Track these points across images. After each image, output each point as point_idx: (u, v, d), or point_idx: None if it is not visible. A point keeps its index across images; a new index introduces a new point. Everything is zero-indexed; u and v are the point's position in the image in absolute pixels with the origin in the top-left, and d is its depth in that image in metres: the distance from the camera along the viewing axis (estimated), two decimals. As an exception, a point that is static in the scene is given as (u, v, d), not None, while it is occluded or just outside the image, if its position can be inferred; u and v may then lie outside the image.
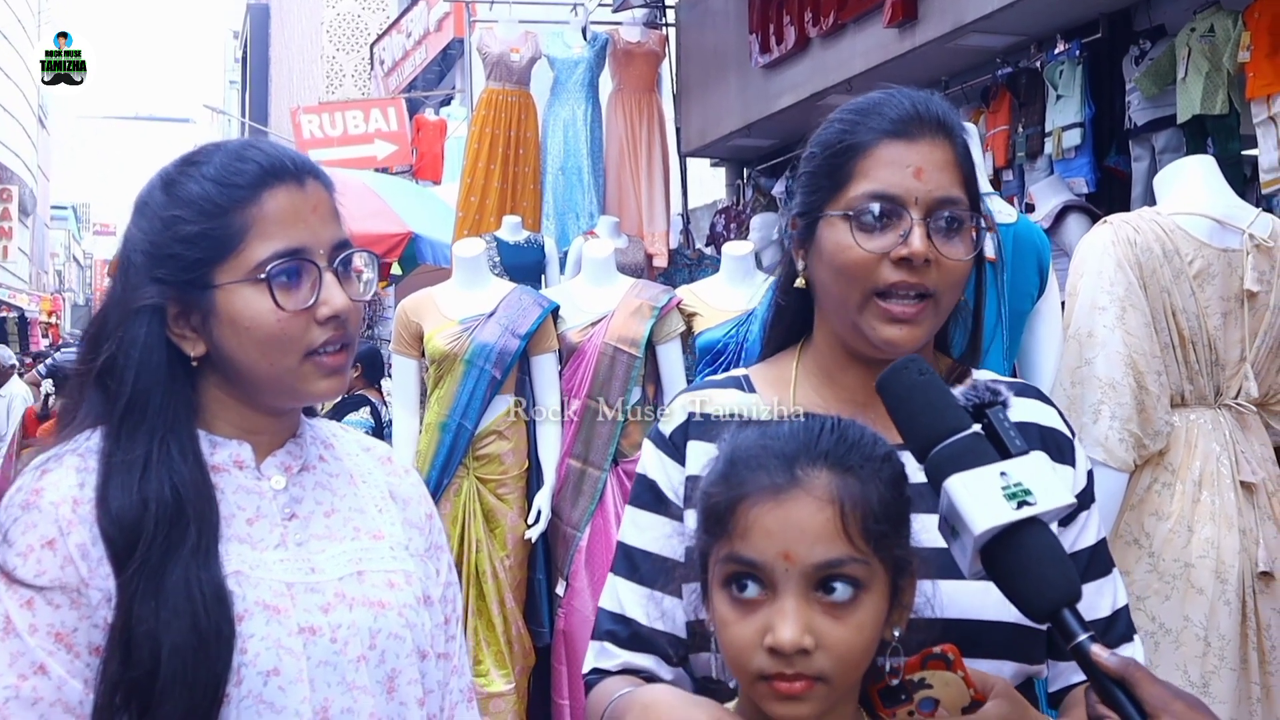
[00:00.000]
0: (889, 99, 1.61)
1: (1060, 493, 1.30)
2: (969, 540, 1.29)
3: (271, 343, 1.52)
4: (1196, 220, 3.33)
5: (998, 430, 1.33)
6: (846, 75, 7.41)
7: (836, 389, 1.66)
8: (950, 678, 1.37)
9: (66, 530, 1.43)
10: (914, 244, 1.53)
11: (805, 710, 1.29)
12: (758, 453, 1.34)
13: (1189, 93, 5.44)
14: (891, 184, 1.55)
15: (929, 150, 1.57)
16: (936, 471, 1.32)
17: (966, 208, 1.58)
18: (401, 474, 1.76)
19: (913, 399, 1.36)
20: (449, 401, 5.06)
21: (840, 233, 1.57)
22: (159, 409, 1.50)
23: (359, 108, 16.37)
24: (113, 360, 1.51)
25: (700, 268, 8.05)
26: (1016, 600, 1.30)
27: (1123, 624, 1.64)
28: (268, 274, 1.50)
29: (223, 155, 1.55)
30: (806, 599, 1.28)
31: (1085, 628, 1.27)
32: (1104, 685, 1.26)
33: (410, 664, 1.58)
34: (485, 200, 8.05)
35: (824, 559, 1.28)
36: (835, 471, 1.31)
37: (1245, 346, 3.33)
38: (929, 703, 1.37)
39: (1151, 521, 3.25)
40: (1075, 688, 1.60)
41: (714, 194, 11.13)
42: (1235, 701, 3.15)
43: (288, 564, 1.54)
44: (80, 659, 1.42)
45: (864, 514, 1.30)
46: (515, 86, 8.24)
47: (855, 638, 1.29)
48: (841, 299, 1.59)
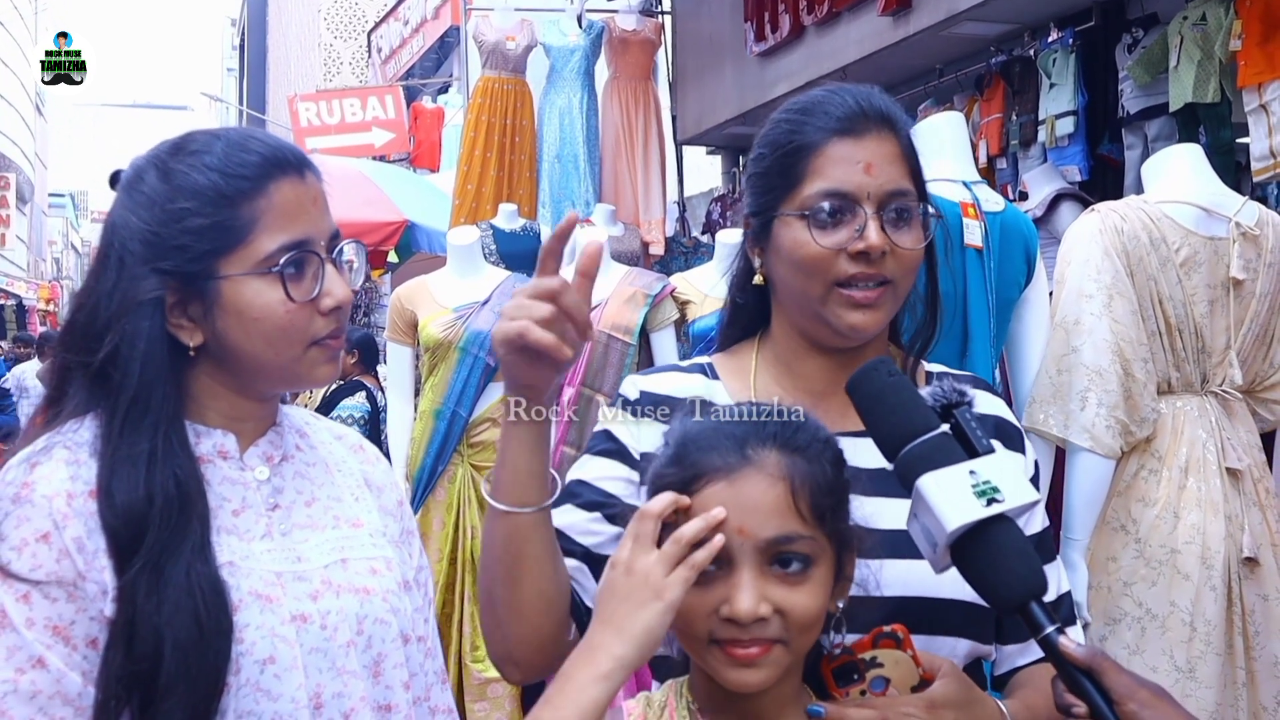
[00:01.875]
0: (831, 97, 1.66)
1: (1026, 490, 1.35)
2: (940, 536, 1.33)
3: (279, 333, 1.53)
4: (1183, 208, 3.35)
5: (965, 430, 1.38)
6: (841, 63, 7.42)
7: (795, 378, 1.71)
8: (900, 656, 1.43)
9: (62, 524, 1.43)
10: (870, 238, 1.58)
11: (762, 675, 1.34)
12: (709, 435, 1.39)
13: (1181, 81, 5.45)
14: (844, 181, 1.60)
15: (876, 145, 1.62)
16: (908, 470, 1.37)
17: (915, 198, 1.63)
18: (373, 461, 1.78)
19: (883, 399, 1.41)
20: (443, 389, 5.07)
21: (797, 231, 1.62)
22: (162, 402, 1.50)
23: (356, 95, 16.33)
24: (116, 352, 1.50)
25: (696, 255, 8.06)
26: (985, 593, 1.35)
27: (1067, 608, 1.70)
28: (280, 266, 1.51)
29: (224, 145, 1.54)
30: (761, 572, 1.33)
31: (1052, 619, 1.32)
32: (1071, 675, 1.31)
33: (395, 648, 1.61)
34: (481, 188, 8.06)
35: (776, 534, 1.33)
36: (784, 451, 1.37)
37: (1231, 334, 3.34)
38: (880, 682, 1.42)
39: (1138, 508, 3.28)
40: (1020, 670, 1.66)
41: (710, 182, 11.14)
42: (1220, 686, 3.17)
43: (275, 554, 1.55)
44: (78, 652, 1.42)
45: (812, 491, 1.36)
46: (511, 74, 8.25)
47: (810, 603, 1.34)
48: (802, 292, 1.64)
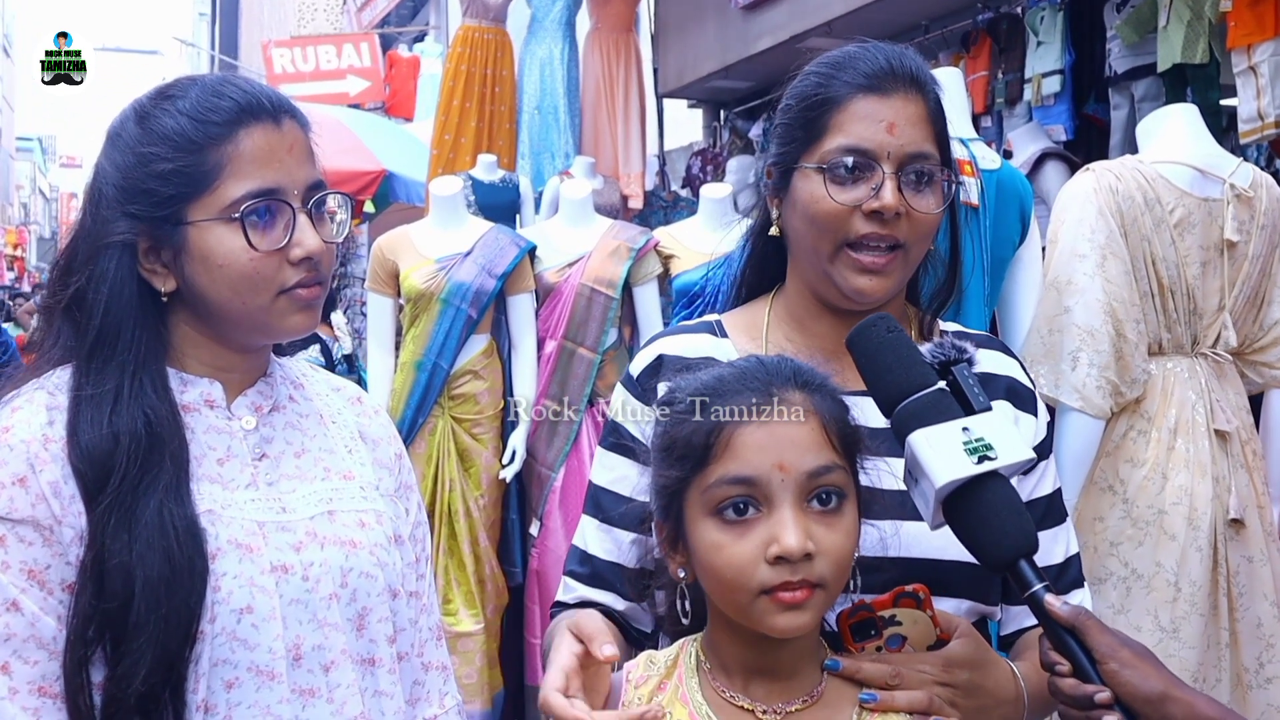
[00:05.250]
0: (864, 53, 1.64)
1: (1020, 448, 1.36)
2: (931, 492, 1.35)
3: (243, 281, 1.51)
4: (1178, 169, 3.33)
5: (962, 387, 1.39)
6: (826, 18, 7.36)
7: (807, 336, 1.70)
8: (919, 615, 1.45)
9: (38, 467, 1.43)
10: (885, 197, 1.57)
11: (806, 619, 1.36)
12: (729, 383, 1.41)
13: (1170, 41, 5.42)
14: (864, 138, 1.59)
15: (902, 105, 1.60)
16: (902, 426, 1.38)
17: (938, 163, 1.62)
18: (371, 414, 1.76)
19: (880, 355, 1.42)
20: (424, 340, 5.04)
21: (814, 184, 1.61)
22: (129, 344, 1.49)
23: (331, 42, 16.16)
24: (82, 294, 1.50)
25: (675, 210, 8.04)
26: (975, 550, 1.36)
27: (1074, 571, 1.70)
28: (241, 214, 1.50)
29: (199, 90, 1.53)
30: (802, 509, 1.35)
31: (1041, 578, 1.34)
32: (1056, 633, 1.33)
33: (381, 602, 1.60)
34: (460, 139, 7.97)
35: (815, 465, 1.35)
36: (807, 389, 1.40)
37: (1224, 296, 3.34)
38: (896, 639, 1.44)
39: (1126, 468, 3.28)
40: (1027, 631, 1.66)
41: (690, 136, 11.08)
42: (1204, 646, 3.19)
43: (259, 503, 1.54)
44: (53, 596, 1.42)
45: (839, 425, 1.39)
46: (492, 24, 8.14)
47: (846, 542, 1.37)
48: (813, 248, 1.63)
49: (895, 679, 1.41)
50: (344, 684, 1.54)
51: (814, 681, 1.43)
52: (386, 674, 1.60)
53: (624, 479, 1.67)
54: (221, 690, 1.46)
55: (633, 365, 1.75)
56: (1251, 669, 3.24)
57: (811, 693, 1.42)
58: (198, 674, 1.44)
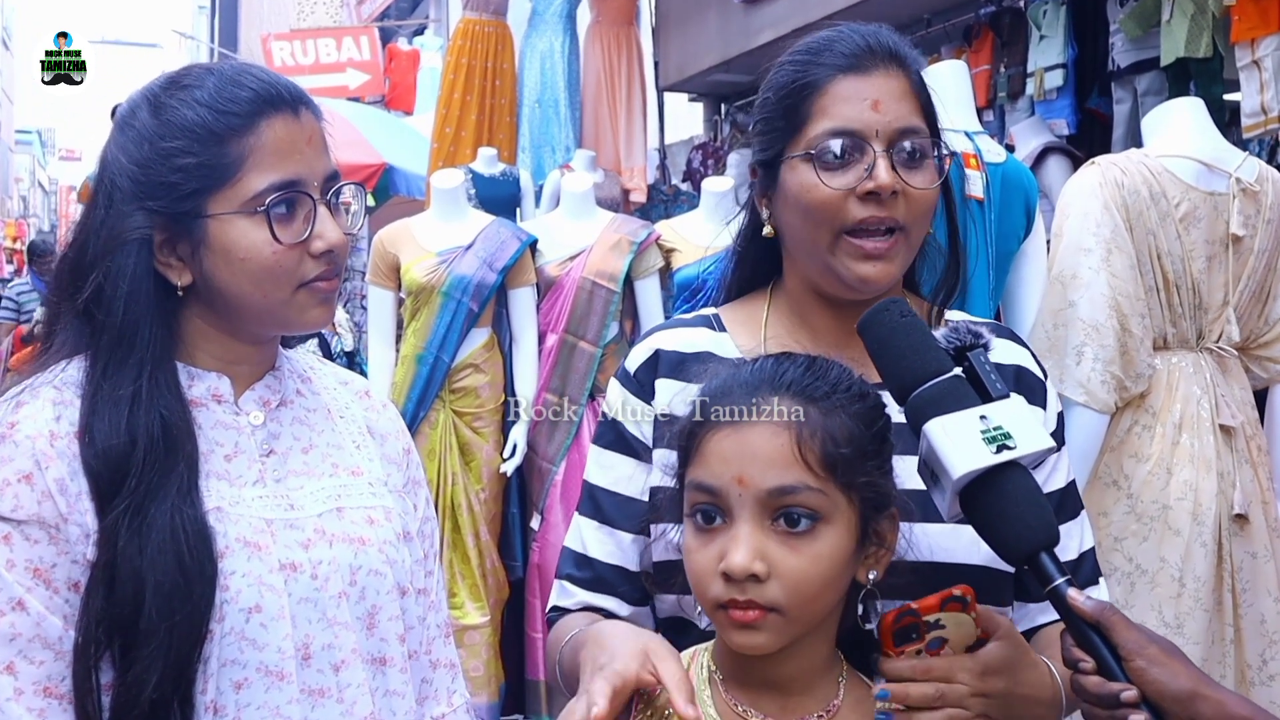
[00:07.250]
0: (840, 35, 1.60)
1: (1040, 436, 1.30)
2: (948, 483, 1.29)
3: (266, 274, 1.49)
4: (1184, 163, 3.32)
5: (979, 373, 1.34)
6: (828, 11, 7.32)
7: (810, 331, 1.64)
8: (964, 619, 1.37)
9: (44, 465, 1.41)
10: (880, 176, 1.51)
11: (761, 640, 1.29)
12: (726, 385, 1.35)
13: (1173, 35, 5.41)
14: (851, 119, 1.54)
15: (884, 81, 1.56)
16: (916, 414, 1.32)
17: (928, 136, 1.57)
18: (379, 409, 1.74)
19: (894, 341, 1.36)
20: (425, 334, 5.03)
21: (803, 174, 1.55)
22: (148, 342, 1.47)
23: (331, 35, 16.15)
24: (100, 291, 1.47)
25: (676, 203, 8.03)
26: (994, 543, 1.31)
27: (1089, 566, 1.65)
28: (266, 206, 1.47)
29: (216, 80, 1.50)
30: (761, 526, 1.29)
31: (1062, 571, 1.28)
32: (1079, 629, 1.27)
33: (391, 600, 1.57)
34: (461, 132, 7.95)
35: (777, 484, 1.28)
36: (796, 400, 1.32)
37: (1229, 290, 3.33)
38: (937, 642, 1.36)
39: (1131, 463, 3.27)
40: (1042, 629, 1.62)
41: (691, 130, 11.06)
42: (1208, 642, 3.18)
43: (266, 500, 1.52)
44: (59, 595, 1.40)
45: (823, 442, 1.30)
46: (492, 17, 8.12)
47: (810, 568, 1.29)
48: (811, 241, 1.57)
49: (938, 699, 1.33)
50: (354, 684, 1.51)
51: (830, 695, 1.37)
52: (398, 673, 1.58)
53: (625, 478, 1.64)
54: (230, 691, 1.44)
55: (629, 360, 1.70)
56: (1255, 665, 3.23)
57: (828, 706, 1.36)
58: (206, 674, 1.42)
